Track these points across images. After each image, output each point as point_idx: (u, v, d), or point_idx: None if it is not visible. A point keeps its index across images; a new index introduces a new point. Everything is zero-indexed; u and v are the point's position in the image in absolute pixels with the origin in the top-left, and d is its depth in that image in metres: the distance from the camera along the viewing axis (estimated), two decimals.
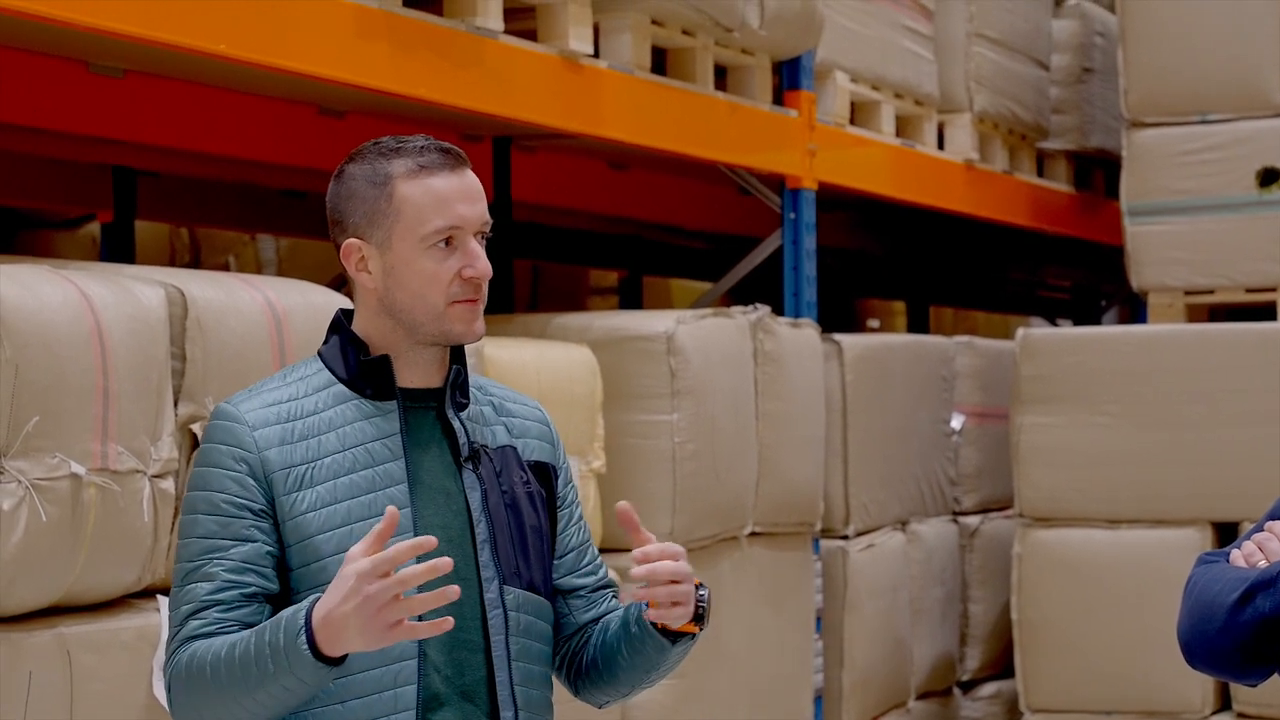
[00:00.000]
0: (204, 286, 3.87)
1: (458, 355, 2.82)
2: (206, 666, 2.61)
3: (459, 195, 2.75)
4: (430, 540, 2.51)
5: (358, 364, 2.76)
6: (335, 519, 2.68)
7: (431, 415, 2.79)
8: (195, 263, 7.84)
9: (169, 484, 3.67)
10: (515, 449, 2.85)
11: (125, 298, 3.61)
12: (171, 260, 7.73)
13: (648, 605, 2.73)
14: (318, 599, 2.53)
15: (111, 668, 3.51)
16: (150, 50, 4.28)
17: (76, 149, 5.83)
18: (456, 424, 2.78)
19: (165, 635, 2.72)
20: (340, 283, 6.67)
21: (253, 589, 2.67)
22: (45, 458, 3.36)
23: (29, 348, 3.33)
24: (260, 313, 3.94)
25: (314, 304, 4.12)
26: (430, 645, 2.70)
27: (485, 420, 2.84)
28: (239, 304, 3.90)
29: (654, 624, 2.75)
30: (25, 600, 3.38)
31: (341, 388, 2.76)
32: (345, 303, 4.20)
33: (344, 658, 2.53)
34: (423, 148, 2.75)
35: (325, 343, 2.83)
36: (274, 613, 2.65)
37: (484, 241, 2.78)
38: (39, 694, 3.34)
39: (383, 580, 2.46)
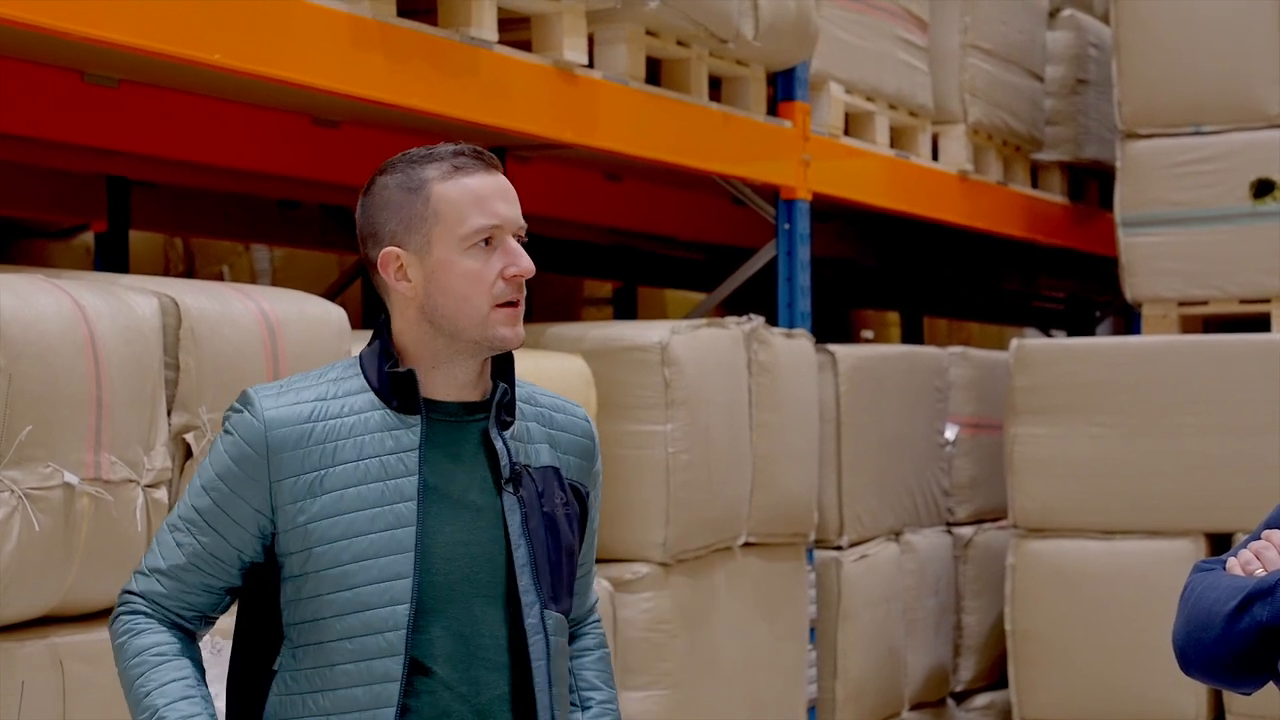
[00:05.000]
0: (198, 296, 3.86)
1: (506, 370, 2.77)
2: (126, 664, 2.68)
3: (496, 194, 2.70)
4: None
5: (383, 375, 2.71)
6: (335, 531, 2.64)
7: (473, 430, 2.73)
8: (189, 273, 7.83)
9: (162, 494, 3.66)
10: (558, 469, 2.80)
11: (119, 307, 3.61)
12: (166, 270, 7.72)
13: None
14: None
15: (104, 678, 3.50)
16: (145, 60, 4.28)
17: (71, 159, 5.82)
18: (500, 445, 2.72)
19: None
20: (336, 293, 6.67)
21: (212, 579, 2.70)
22: (38, 467, 3.35)
23: (22, 357, 3.33)
24: (254, 323, 3.93)
25: (308, 314, 4.12)
26: (443, 662, 2.65)
27: (530, 438, 2.78)
28: (233, 314, 3.90)
29: None
30: (18, 610, 3.38)
31: (372, 395, 2.70)
32: (342, 314, 4.20)
33: None
34: (455, 151, 2.71)
35: (369, 345, 2.77)
36: (231, 602, 2.74)
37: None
38: (32, 704, 3.34)
39: None
